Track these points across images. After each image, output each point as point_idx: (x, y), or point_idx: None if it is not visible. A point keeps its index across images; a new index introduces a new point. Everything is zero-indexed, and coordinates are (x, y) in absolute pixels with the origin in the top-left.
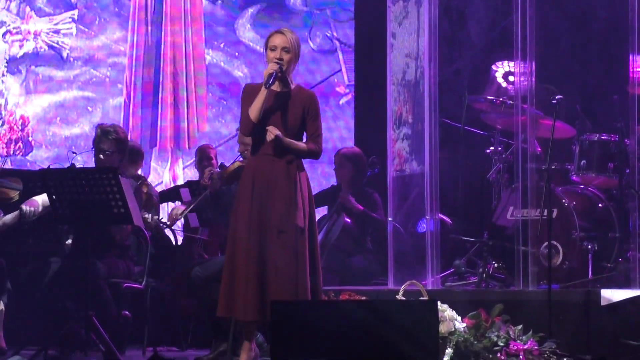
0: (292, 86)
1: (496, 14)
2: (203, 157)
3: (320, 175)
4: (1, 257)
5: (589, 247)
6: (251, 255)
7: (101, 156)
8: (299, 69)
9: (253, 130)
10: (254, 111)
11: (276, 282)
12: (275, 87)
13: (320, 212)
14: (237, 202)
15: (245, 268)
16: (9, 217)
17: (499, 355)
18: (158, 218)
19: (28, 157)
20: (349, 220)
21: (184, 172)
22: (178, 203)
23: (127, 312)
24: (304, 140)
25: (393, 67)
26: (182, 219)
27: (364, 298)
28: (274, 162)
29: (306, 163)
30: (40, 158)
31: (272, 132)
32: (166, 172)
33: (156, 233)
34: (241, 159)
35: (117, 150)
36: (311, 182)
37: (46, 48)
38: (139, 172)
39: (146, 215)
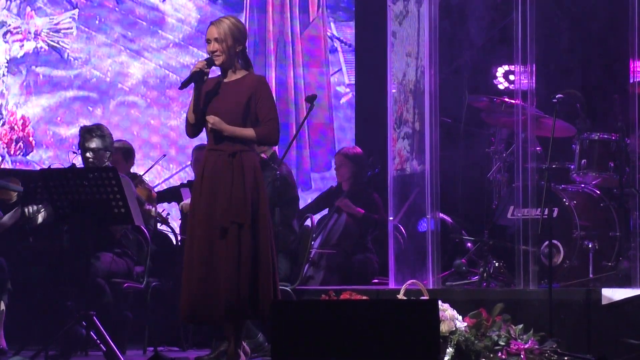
0: (241, 74)
1: (496, 13)
2: (200, 157)
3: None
4: (2, 257)
5: (590, 246)
6: (195, 253)
7: (88, 154)
8: (296, 68)
9: (193, 131)
10: (189, 113)
11: (217, 281)
12: (220, 77)
13: (320, 212)
14: (191, 200)
15: (188, 267)
16: (6, 218)
17: (499, 354)
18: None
19: (29, 157)
20: (349, 219)
21: (180, 174)
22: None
23: (128, 313)
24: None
25: (393, 67)
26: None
27: (364, 298)
28: (217, 156)
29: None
30: (41, 158)
31: (209, 120)
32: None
33: (154, 228)
34: None
35: (103, 148)
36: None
37: (46, 48)
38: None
39: (149, 207)
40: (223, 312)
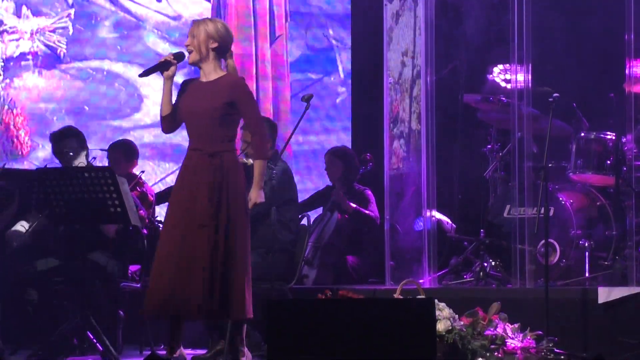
0: (219, 74)
1: (493, 12)
2: None
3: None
4: None
5: (586, 244)
6: (170, 249)
7: (71, 154)
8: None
9: (166, 125)
10: (161, 106)
11: (189, 280)
12: (201, 77)
13: (316, 212)
14: (171, 198)
15: (161, 262)
16: None
17: (496, 353)
18: (154, 217)
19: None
20: (341, 217)
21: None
22: None
23: (121, 312)
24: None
25: (389, 66)
26: None
27: (361, 297)
28: (198, 156)
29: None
30: (38, 158)
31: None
32: None
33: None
34: (244, 156)
35: (79, 146)
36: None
37: (43, 48)
38: (134, 170)
39: (142, 214)
40: (195, 309)
